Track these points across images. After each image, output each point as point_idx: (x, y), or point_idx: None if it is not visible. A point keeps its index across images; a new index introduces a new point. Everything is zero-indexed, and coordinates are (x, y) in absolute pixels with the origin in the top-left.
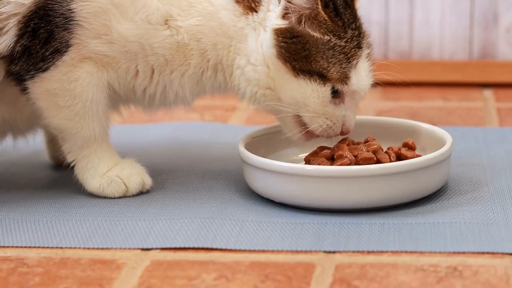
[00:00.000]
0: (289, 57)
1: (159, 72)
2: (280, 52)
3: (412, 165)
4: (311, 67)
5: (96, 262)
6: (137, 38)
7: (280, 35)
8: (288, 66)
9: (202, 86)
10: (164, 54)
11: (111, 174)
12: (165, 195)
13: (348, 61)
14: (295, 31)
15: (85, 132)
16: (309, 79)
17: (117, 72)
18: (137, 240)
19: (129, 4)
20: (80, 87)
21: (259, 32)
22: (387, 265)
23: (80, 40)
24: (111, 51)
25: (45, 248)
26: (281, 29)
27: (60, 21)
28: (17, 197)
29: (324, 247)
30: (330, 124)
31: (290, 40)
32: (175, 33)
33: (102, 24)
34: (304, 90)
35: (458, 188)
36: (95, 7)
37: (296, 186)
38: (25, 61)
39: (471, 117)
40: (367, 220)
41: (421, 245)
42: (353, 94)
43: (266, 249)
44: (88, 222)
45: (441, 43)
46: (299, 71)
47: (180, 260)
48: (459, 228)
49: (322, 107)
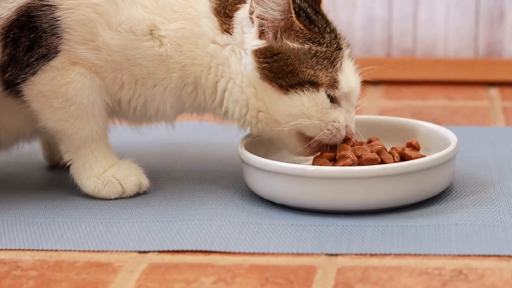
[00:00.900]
0: (273, 76)
1: (141, 84)
2: (263, 73)
3: (417, 165)
4: (299, 79)
5: (92, 265)
6: (121, 48)
7: (260, 56)
8: (275, 86)
9: (182, 102)
10: (146, 66)
11: (107, 175)
12: (162, 197)
13: (332, 65)
14: (274, 49)
15: (82, 132)
16: (301, 90)
17: (105, 82)
18: (133, 242)
19: (113, 14)
20: (73, 90)
21: (240, 55)
22: (391, 268)
23: (68, 46)
24: (97, 59)
25: (39, 250)
26: (260, 49)
27: (47, 27)
28: (10, 198)
29: (326, 249)
30: (334, 130)
31: (271, 59)
32: (158, 45)
33: (88, 31)
34: (299, 103)
35: (464, 189)
36: (80, 15)
37: (298, 187)
38: (13, 67)
39: (477, 116)
40: (370, 222)
41: (425, 248)
42: (347, 96)
43: (267, 251)
44: (83, 224)
45: (446, 41)
46: (288, 87)
47: (178, 263)
48: (464, 230)
49: (324, 113)
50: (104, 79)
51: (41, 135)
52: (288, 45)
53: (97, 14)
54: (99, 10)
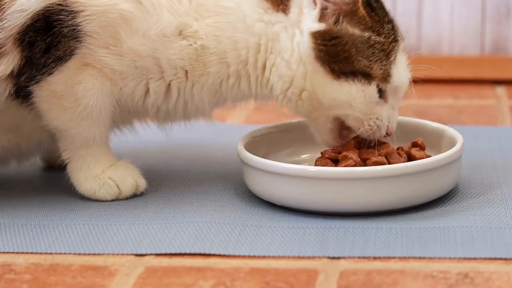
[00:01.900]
0: (328, 60)
1: (177, 88)
2: (319, 55)
3: (421, 166)
4: (353, 68)
5: (88, 269)
6: (151, 52)
7: (318, 38)
8: (327, 69)
9: (222, 97)
10: (183, 65)
11: (103, 176)
12: (160, 198)
13: (387, 58)
14: (333, 33)
15: (85, 133)
16: (353, 80)
17: (122, 90)
18: (130, 245)
19: (142, 20)
20: (83, 91)
21: (293, 33)
22: (395, 272)
23: (88, 49)
24: (119, 65)
25: (34, 253)
26: (320, 31)
27: (67, 32)
28: (4, 199)
29: (328, 252)
30: (380, 123)
31: (329, 42)
32: (193, 41)
33: (111, 35)
34: (347, 91)
35: (469, 190)
36: (103, 21)
37: (299, 188)
38: (29, 69)
39: (483, 115)
40: (374, 224)
41: (430, 251)
42: (395, 91)
43: (267, 255)
44: (79, 227)
45: (451, 38)
46: (340, 73)
47: (176, 266)
48: (470, 232)
49: (370, 107)
50: (121, 87)
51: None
52: (348, 31)
53: (122, 20)
54: (127, 16)
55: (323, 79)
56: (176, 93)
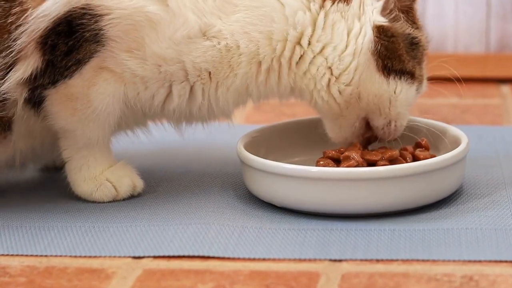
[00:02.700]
0: (385, 55)
1: (201, 90)
2: (378, 49)
3: (425, 166)
4: (403, 66)
5: (84, 272)
6: (177, 55)
7: (382, 33)
8: (380, 64)
9: (246, 95)
10: (207, 68)
11: (101, 177)
12: (158, 199)
13: (423, 61)
14: (394, 29)
15: (90, 135)
16: (400, 78)
17: (139, 95)
18: (127, 247)
19: (168, 22)
20: (94, 93)
21: (353, 23)
22: (398, 275)
23: (111, 52)
24: (142, 69)
25: (29, 256)
26: (384, 26)
27: (90, 36)
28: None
29: (330, 255)
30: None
31: (391, 39)
32: (217, 42)
33: (134, 39)
34: (392, 89)
35: (474, 191)
36: (126, 25)
37: (300, 189)
38: (50, 72)
39: (488, 115)
40: (376, 226)
41: (434, 253)
42: None
43: (267, 257)
44: (75, 228)
45: (455, 35)
46: (390, 70)
47: (174, 269)
48: (475, 234)
49: (406, 107)
50: (141, 90)
51: None
52: (404, 29)
53: (148, 23)
54: (153, 19)
55: (373, 74)
56: (200, 96)
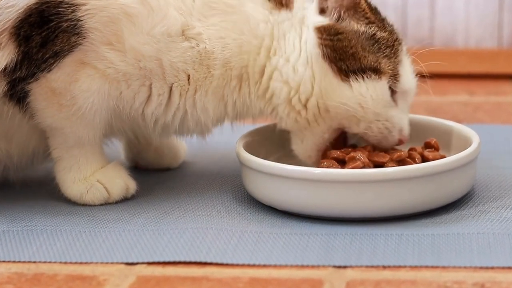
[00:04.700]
0: (335, 57)
1: (179, 93)
2: (325, 52)
3: (434, 168)
4: (361, 64)
5: (74, 279)
6: (154, 53)
7: (324, 33)
8: (335, 69)
9: (225, 104)
10: (186, 69)
11: (91, 178)
12: (152, 202)
13: (395, 56)
14: (338, 27)
15: (80, 133)
16: (362, 77)
17: (122, 93)
18: (120, 253)
19: (146, 16)
20: (78, 90)
21: (301, 30)
22: (405, 282)
23: (91, 45)
24: (123, 64)
25: (16, 262)
26: (324, 26)
27: (67, 26)
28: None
29: (334, 261)
30: (389, 126)
31: (335, 37)
32: (195, 44)
33: (113, 33)
34: (357, 92)
35: (486, 194)
36: (103, 17)
37: (302, 192)
38: (28, 65)
39: (501, 113)
40: (383, 231)
41: (444, 259)
42: (404, 95)
43: (268, 263)
44: (65, 233)
45: (467, 29)
46: (348, 72)
47: (169, 276)
48: (487, 239)
49: (382, 106)
50: (123, 89)
51: None
52: (351, 26)
53: (125, 16)
54: (129, 12)
55: (332, 82)
56: (177, 98)
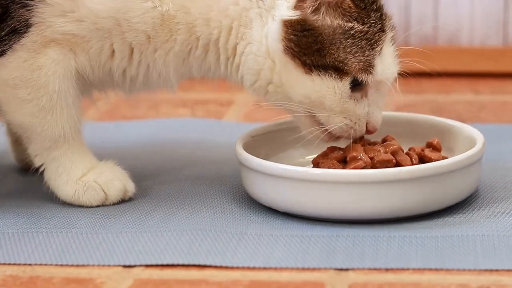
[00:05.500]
0: (298, 52)
1: (139, 51)
2: (288, 46)
3: (438, 168)
4: (325, 61)
5: (71, 282)
6: (111, 13)
7: (290, 28)
8: (298, 62)
9: (188, 66)
10: (145, 30)
11: (87, 179)
12: (150, 204)
13: (371, 48)
14: (307, 23)
15: (53, 130)
16: (324, 74)
17: (88, 54)
18: (118, 255)
19: None
20: (44, 77)
21: (266, 20)
22: (409, 285)
23: (42, 19)
24: (79, 29)
25: (11, 265)
26: (292, 21)
27: None
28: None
29: (335, 263)
30: (349, 123)
31: (301, 34)
32: (158, 4)
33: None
34: (319, 88)
35: (491, 195)
36: None
37: (303, 193)
38: None
39: (506, 112)
40: (385, 233)
41: (448, 262)
42: (378, 85)
43: (268, 266)
44: (61, 235)
45: (471, 27)
46: (312, 67)
47: (167, 279)
48: (492, 242)
49: (340, 104)
50: (87, 50)
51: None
52: (326, 22)
53: None
54: None
55: (294, 73)
56: (138, 56)
